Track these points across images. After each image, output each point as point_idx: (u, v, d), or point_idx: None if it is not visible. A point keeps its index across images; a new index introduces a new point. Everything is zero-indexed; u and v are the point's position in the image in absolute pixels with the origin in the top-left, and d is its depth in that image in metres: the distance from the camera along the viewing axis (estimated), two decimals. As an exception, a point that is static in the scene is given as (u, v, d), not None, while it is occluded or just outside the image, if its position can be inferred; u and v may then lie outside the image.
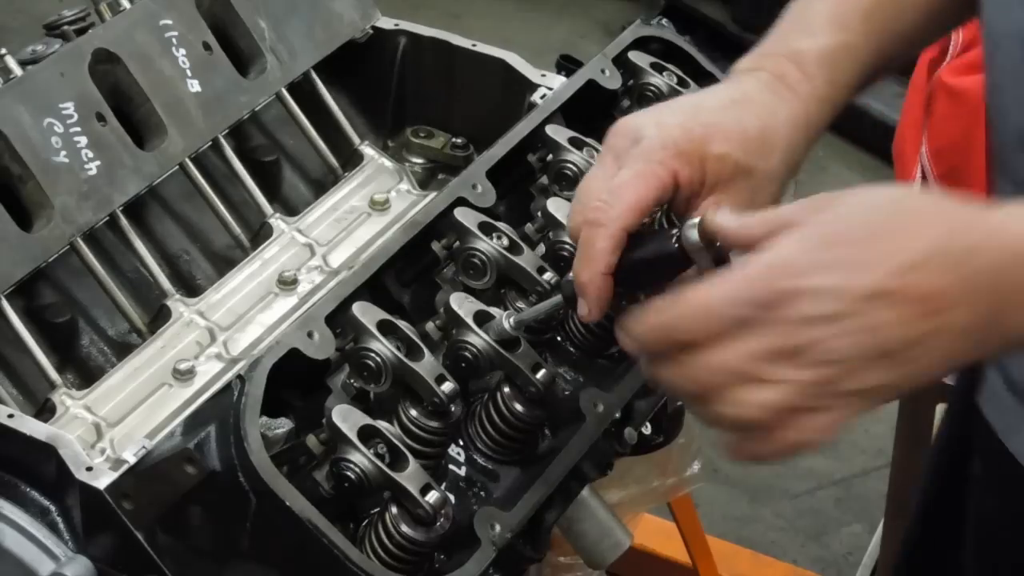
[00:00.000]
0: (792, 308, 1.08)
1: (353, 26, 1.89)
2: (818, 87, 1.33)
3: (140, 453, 1.31)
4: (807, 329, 1.08)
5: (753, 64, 1.35)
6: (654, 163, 1.25)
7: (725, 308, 1.10)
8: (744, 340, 1.09)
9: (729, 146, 1.27)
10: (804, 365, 1.09)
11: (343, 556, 1.23)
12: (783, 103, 1.31)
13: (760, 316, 1.09)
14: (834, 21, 1.35)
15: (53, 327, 1.62)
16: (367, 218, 1.76)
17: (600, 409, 1.43)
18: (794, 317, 1.08)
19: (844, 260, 1.09)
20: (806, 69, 1.33)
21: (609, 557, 1.58)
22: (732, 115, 1.29)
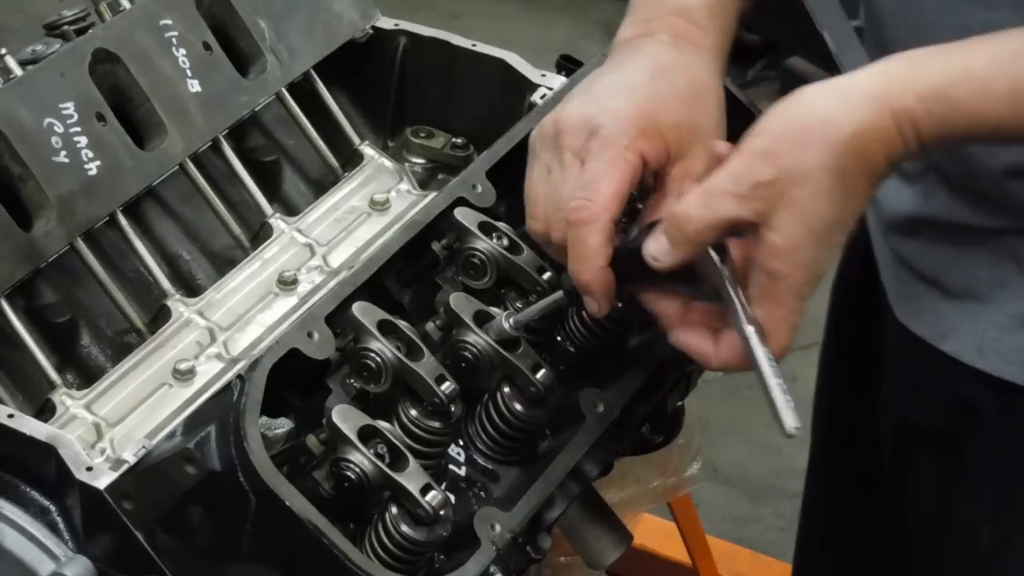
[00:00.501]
0: (791, 189, 1.21)
1: (353, 26, 1.89)
2: (715, 38, 1.41)
3: (140, 453, 1.31)
4: (812, 201, 1.21)
5: (641, 30, 1.40)
6: (621, 148, 1.29)
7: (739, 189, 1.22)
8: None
9: (678, 113, 1.33)
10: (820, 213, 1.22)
11: (343, 556, 1.23)
12: (696, 58, 1.38)
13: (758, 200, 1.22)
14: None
15: (53, 327, 1.62)
16: (367, 218, 1.76)
17: (600, 409, 1.43)
18: (794, 199, 1.21)
19: (821, 144, 1.21)
20: (700, 23, 1.40)
21: (609, 557, 1.59)
22: (665, 84, 1.34)
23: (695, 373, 1.64)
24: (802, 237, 1.20)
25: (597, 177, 1.28)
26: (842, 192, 1.21)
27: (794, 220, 1.20)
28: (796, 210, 1.20)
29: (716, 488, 3.29)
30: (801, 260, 1.21)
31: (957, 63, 1.23)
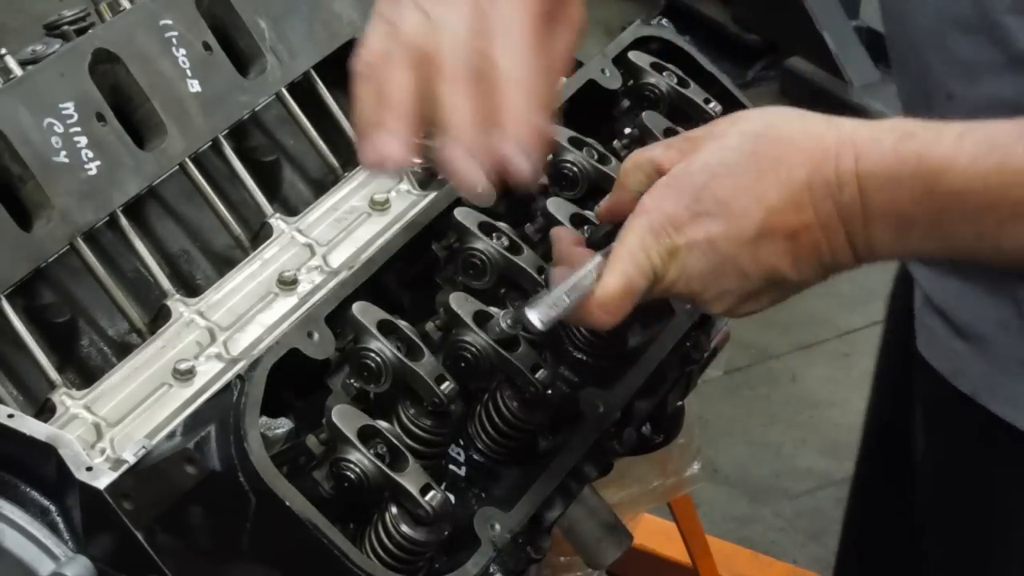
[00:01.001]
0: (679, 266, 1.17)
1: (353, 26, 1.89)
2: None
3: (140, 453, 1.31)
4: (696, 281, 1.17)
5: None
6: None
7: (636, 283, 1.19)
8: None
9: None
10: (707, 305, 1.18)
11: (343, 556, 1.23)
12: None
13: (655, 287, 1.19)
14: None
15: (53, 327, 1.62)
16: (367, 218, 1.76)
17: (600, 409, 1.44)
18: (685, 274, 1.17)
19: (716, 211, 1.15)
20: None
21: (609, 557, 1.59)
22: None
23: (695, 373, 1.64)
24: (679, 178, 1.17)
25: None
26: (754, 170, 1.15)
27: (685, 163, 1.17)
28: (694, 156, 1.17)
29: (716, 488, 3.29)
30: (665, 202, 1.17)
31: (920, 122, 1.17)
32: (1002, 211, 1.10)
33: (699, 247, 1.16)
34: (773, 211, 1.14)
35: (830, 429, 3.50)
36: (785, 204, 1.13)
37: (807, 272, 1.17)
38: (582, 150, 1.56)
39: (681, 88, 1.65)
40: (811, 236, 1.15)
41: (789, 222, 1.14)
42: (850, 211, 1.14)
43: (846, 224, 1.14)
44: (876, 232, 1.14)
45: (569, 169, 1.55)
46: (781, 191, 1.13)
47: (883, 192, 1.12)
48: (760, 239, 1.14)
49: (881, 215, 1.13)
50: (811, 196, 1.13)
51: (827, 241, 1.15)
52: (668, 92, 1.65)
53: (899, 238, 1.14)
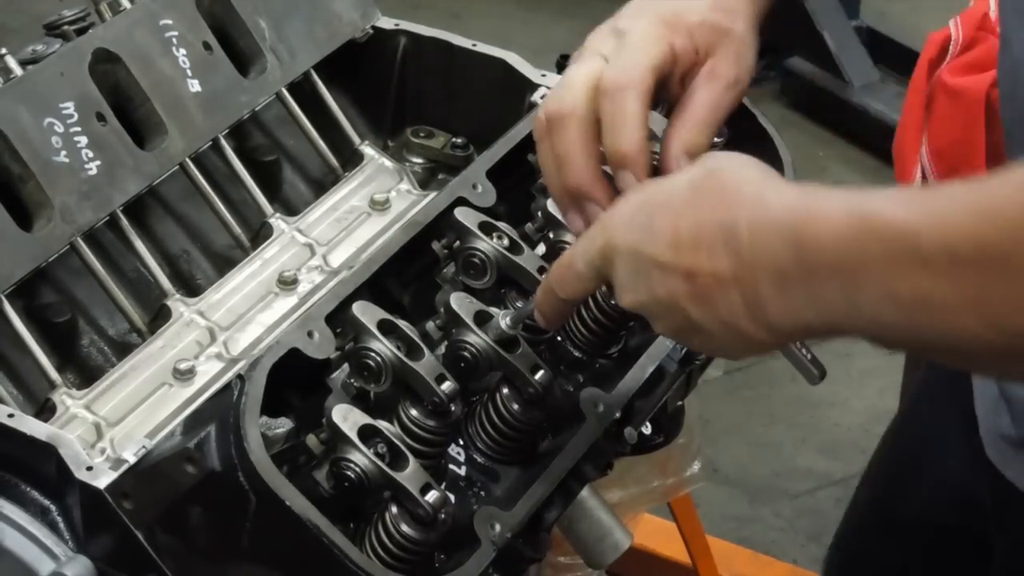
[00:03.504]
0: (611, 269, 1.20)
1: (353, 26, 1.89)
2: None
3: (140, 453, 1.31)
4: (623, 290, 1.19)
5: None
6: (652, 37, 1.26)
7: (577, 264, 1.23)
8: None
9: (702, 12, 1.30)
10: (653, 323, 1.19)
11: (343, 556, 1.23)
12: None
13: (598, 268, 1.21)
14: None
15: (53, 327, 1.62)
16: (367, 218, 1.76)
17: (600, 409, 1.43)
18: (616, 278, 1.20)
19: (645, 225, 1.16)
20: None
21: (609, 557, 1.58)
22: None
23: (695, 373, 1.64)
24: (633, 195, 1.20)
25: (630, 52, 1.26)
26: (686, 199, 1.15)
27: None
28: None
29: (716, 488, 3.29)
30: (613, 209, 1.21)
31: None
32: (868, 267, 1.03)
33: (625, 253, 1.18)
34: (678, 244, 1.13)
35: (830, 429, 3.50)
36: (689, 239, 1.12)
37: (709, 320, 1.13)
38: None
39: (681, 88, 1.65)
40: (704, 282, 1.12)
41: (688, 260, 1.12)
42: (741, 266, 1.10)
43: (738, 280, 1.10)
44: (762, 289, 1.09)
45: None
46: (691, 225, 1.13)
47: (767, 247, 1.08)
48: (665, 266, 1.14)
49: (766, 272, 1.09)
50: (708, 242, 1.11)
51: (720, 293, 1.11)
52: (668, 92, 1.64)
53: (781, 299, 1.08)
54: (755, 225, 1.09)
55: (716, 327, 1.13)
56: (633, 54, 1.26)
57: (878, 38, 4.59)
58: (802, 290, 1.07)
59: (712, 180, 1.14)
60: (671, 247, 1.13)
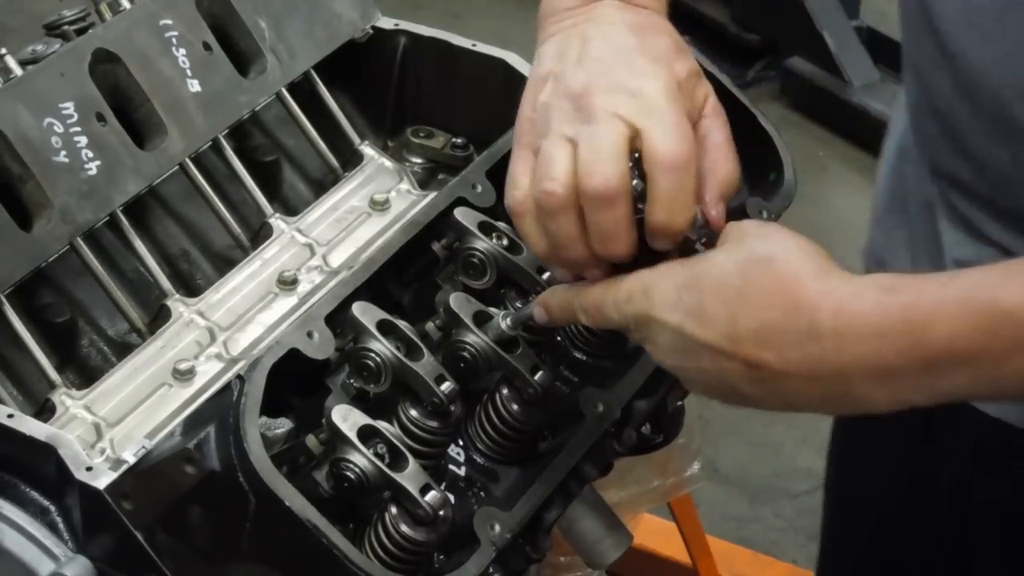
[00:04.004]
0: (647, 333, 1.20)
1: (353, 26, 1.89)
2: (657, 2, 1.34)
3: (140, 453, 1.31)
4: (660, 353, 1.21)
5: (579, 6, 1.31)
6: (672, 95, 1.23)
7: (610, 314, 1.23)
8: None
9: (681, 63, 1.27)
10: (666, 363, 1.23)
11: (343, 556, 1.23)
12: (652, 16, 1.31)
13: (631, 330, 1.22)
14: None
15: (53, 327, 1.62)
16: (367, 218, 1.76)
17: (600, 409, 1.43)
18: (652, 342, 1.21)
19: (694, 309, 1.17)
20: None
21: (609, 557, 1.59)
22: (649, 41, 1.27)
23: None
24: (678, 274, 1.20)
25: (671, 120, 1.21)
26: (735, 289, 1.17)
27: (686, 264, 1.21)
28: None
29: (716, 488, 3.29)
30: (654, 278, 1.21)
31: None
32: (995, 352, 1.09)
33: (668, 329, 1.18)
34: (737, 337, 1.15)
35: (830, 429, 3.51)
36: (751, 335, 1.14)
37: (771, 401, 1.18)
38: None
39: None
40: (770, 374, 1.15)
41: (750, 353, 1.15)
42: (821, 364, 1.13)
43: (815, 377, 1.14)
44: (858, 387, 1.13)
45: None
46: (750, 323, 1.15)
47: (864, 346, 1.12)
48: (720, 352, 1.16)
49: (863, 369, 1.13)
50: (778, 340, 1.14)
51: (792, 385, 1.15)
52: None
53: (886, 391, 1.13)
54: (842, 329, 1.12)
55: (773, 403, 1.18)
56: (677, 125, 1.20)
57: (878, 38, 4.59)
58: (914, 382, 1.12)
59: (766, 273, 1.15)
60: (728, 338, 1.15)
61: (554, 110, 1.24)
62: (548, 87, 1.26)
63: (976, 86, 1.35)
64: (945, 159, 1.45)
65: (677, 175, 1.19)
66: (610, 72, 1.24)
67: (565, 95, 1.24)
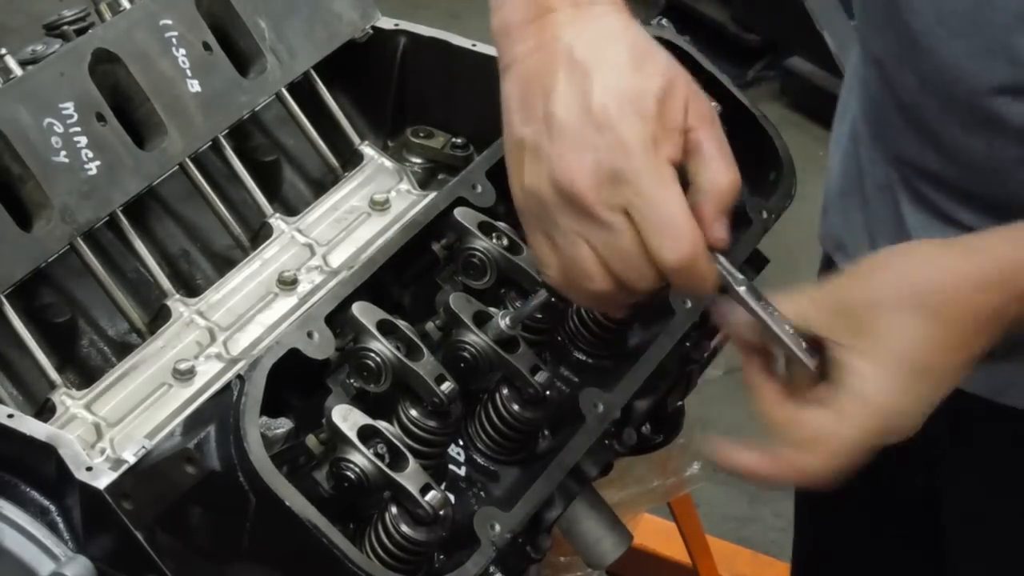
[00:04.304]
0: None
1: (353, 26, 1.89)
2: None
3: (140, 453, 1.31)
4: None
5: (534, 10, 1.25)
6: (655, 169, 1.18)
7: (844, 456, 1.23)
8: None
9: (646, 76, 1.22)
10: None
11: (343, 556, 1.23)
12: (604, 18, 1.25)
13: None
14: None
15: (53, 327, 1.62)
16: (367, 218, 1.76)
17: (600, 409, 1.43)
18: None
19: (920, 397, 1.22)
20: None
21: (609, 557, 1.59)
22: (607, 66, 1.21)
23: (695, 373, 1.64)
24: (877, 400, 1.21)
25: (666, 216, 1.16)
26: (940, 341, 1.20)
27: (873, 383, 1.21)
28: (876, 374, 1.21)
29: (716, 488, 3.28)
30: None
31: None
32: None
33: (914, 400, 1.23)
34: (963, 359, 1.22)
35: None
36: (967, 345, 1.22)
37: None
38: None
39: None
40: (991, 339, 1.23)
41: (974, 349, 1.22)
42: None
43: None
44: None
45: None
46: (964, 341, 1.21)
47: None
48: (961, 366, 1.23)
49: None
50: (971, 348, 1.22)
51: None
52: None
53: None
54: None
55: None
56: (670, 213, 1.17)
57: (878, 38, 4.58)
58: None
59: (922, 358, 1.21)
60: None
61: (550, 205, 1.20)
62: (528, 166, 1.21)
63: (950, 80, 1.36)
64: (911, 148, 1.46)
65: (686, 271, 1.18)
66: (584, 146, 1.18)
67: (552, 185, 1.19)
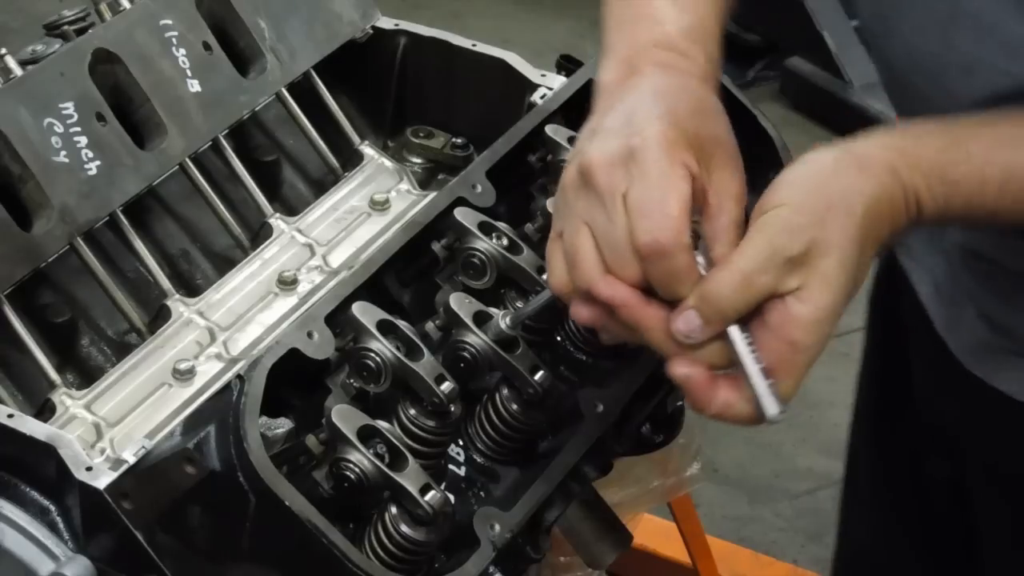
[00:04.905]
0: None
1: (353, 26, 1.89)
2: (701, 64, 1.33)
3: (140, 453, 1.31)
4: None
5: (624, 71, 1.31)
6: (666, 165, 1.21)
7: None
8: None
9: (695, 124, 1.25)
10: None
11: (343, 556, 1.23)
12: (688, 80, 1.30)
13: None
14: (675, 4, 1.35)
15: (53, 327, 1.62)
16: (367, 218, 1.76)
17: (600, 409, 1.43)
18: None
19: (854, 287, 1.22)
20: (682, 51, 1.32)
21: (609, 557, 1.59)
22: (672, 101, 1.26)
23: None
24: (829, 308, 1.19)
25: (657, 199, 1.19)
26: (860, 261, 1.21)
27: (824, 292, 1.19)
28: (826, 282, 1.19)
29: (716, 488, 3.29)
30: (825, 331, 1.20)
31: (959, 144, 1.24)
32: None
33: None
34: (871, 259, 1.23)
35: (830, 429, 3.50)
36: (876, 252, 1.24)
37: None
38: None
39: (681, 88, 1.65)
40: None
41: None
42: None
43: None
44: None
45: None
46: (876, 248, 1.23)
47: (936, 222, 1.26)
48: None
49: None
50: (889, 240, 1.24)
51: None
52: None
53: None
54: (922, 184, 1.23)
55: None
56: (660, 203, 1.19)
57: (878, 38, 4.58)
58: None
59: (841, 214, 1.21)
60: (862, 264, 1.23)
61: (570, 190, 1.25)
62: (569, 167, 1.26)
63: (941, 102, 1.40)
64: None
65: (657, 259, 1.19)
66: (614, 136, 1.24)
67: (576, 168, 1.24)
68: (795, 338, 1.19)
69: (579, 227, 1.22)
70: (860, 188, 1.21)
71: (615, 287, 1.20)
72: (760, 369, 1.20)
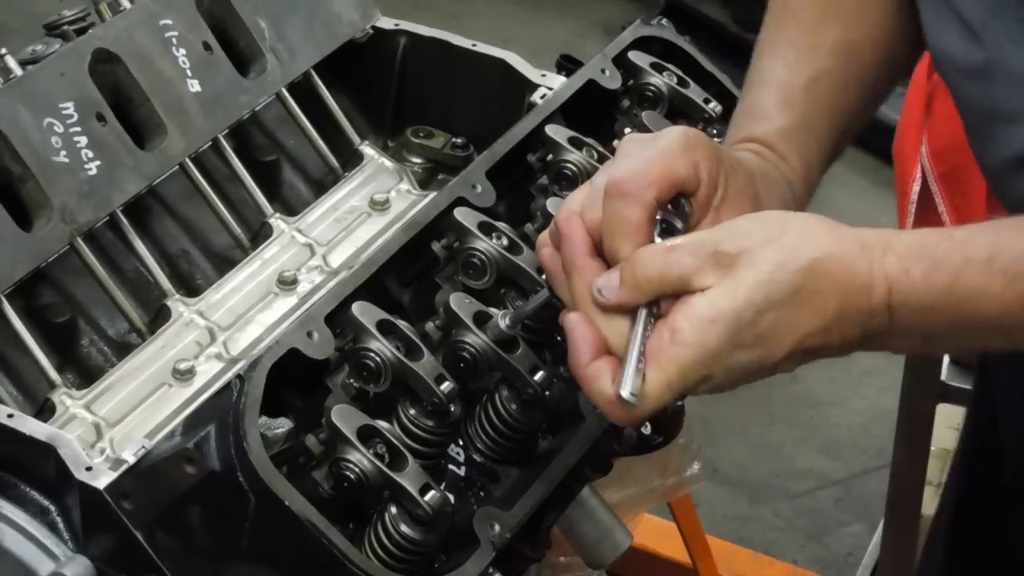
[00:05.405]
0: (706, 385, 1.21)
1: (353, 26, 1.89)
2: (794, 166, 1.37)
3: (140, 453, 1.31)
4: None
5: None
6: (680, 148, 1.24)
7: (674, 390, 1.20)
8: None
9: (741, 161, 1.31)
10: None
11: (343, 556, 1.23)
12: (773, 169, 1.36)
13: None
14: (781, 104, 1.40)
15: (53, 327, 1.62)
16: (367, 218, 1.76)
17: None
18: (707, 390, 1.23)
19: (756, 344, 1.19)
20: (777, 149, 1.37)
21: (609, 557, 1.59)
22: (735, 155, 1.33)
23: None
24: (726, 316, 1.17)
25: (647, 156, 1.23)
26: (789, 309, 1.18)
27: (728, 297, 1.17)
28: (735, 290, 1.17)
29: (716, 488, 3.29)
30: (712, 339, 1.17)
31: (942, 231, 1.22)
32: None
33: (731, 372, 1.21)
34: (803, 338, 1.20)
35: (830, 429, 3.50)
36: (815, 331, 1.20)
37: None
38: (582, 150, 1.56)
39: (681, 88, 1.65)
40: (829, 350, 1.22)
41: (815, 343, 1.20)
42: (875, 332, 1.21)
43: (867, 339, 1.22)
44: (897, 343, 1.23)
45: (569, 169, 1.55)
46: (814, 321, 1.19)
47: (915, 318, 1.19)
48: (785, 360, 1.21)
49: (908, 333, 1.21)
50: (840, 323, 1.20)
51: (840, 348, 1.22)
52: (668, 92, 1.65)
53: (920, 347, 1.28)
54: (897, 305, 1.19)
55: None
56: (651, 161, 1.22)
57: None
58: (952, 343, 1.37)
59: (811, 276, 1.19)
60: (794, 344, 1.19)
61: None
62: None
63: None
64: None
65: (613, 201, 1.21)
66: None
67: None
68: (679, 326, 1.18)
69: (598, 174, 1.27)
70: (821, 241, 1.19)
71: (572, 222, 1.23)
72: (640, 353, 1.19)
